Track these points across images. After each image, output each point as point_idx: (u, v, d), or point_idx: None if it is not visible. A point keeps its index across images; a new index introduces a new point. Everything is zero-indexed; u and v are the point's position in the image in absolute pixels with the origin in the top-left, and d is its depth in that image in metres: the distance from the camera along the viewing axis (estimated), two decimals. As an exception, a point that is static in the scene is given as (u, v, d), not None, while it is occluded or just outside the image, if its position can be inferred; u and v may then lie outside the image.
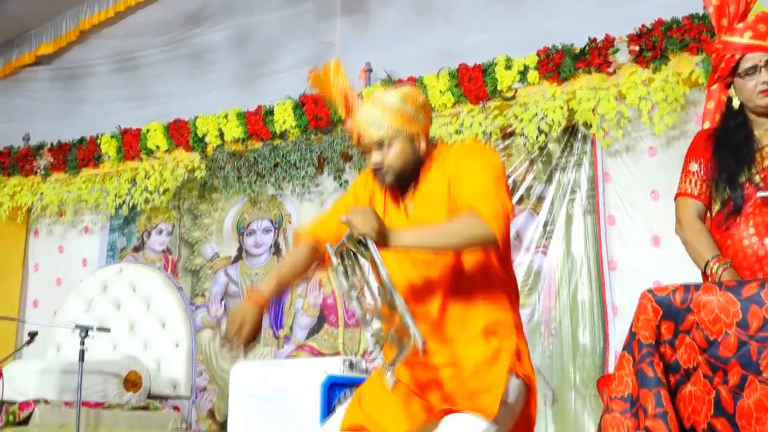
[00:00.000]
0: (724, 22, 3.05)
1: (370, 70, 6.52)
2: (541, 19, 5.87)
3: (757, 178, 2.87)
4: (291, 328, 6.63)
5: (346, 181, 6.31)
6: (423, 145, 2.61)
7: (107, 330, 5.25)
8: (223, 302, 6.95)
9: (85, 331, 5.00)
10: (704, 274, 2.85)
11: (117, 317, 6.02)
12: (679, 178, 3.04)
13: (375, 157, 2.59)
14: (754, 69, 2.93)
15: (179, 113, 7.10)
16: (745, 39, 2.95)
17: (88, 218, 7.62)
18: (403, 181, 2.63)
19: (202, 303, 7.02)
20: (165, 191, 7.06)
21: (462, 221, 2.40)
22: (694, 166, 3.01)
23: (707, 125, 3.17)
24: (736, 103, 3.01)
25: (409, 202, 2.63)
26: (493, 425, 2.36)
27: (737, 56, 2.94)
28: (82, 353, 4.92)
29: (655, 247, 5.28)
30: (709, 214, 2.99)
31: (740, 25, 2.99)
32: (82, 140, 7.43)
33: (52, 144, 7.60)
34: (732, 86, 3.02)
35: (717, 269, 2.78)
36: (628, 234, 5.42)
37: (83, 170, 7.42)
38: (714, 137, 3.02)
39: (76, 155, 7.40)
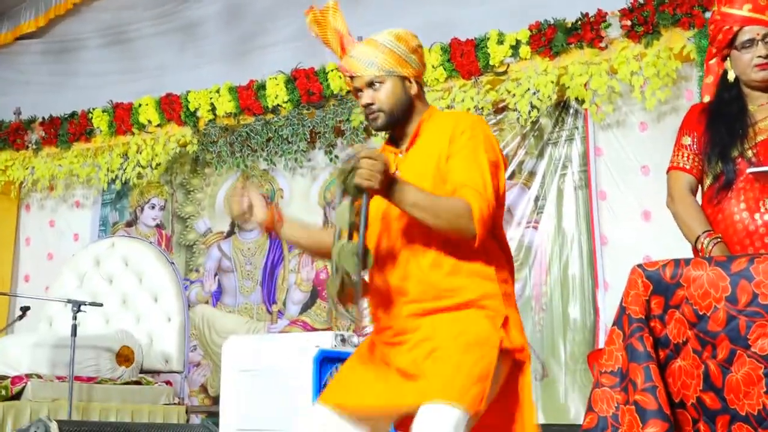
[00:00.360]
0: None
1: (363, 45, 6.48)
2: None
3: (750, 153, 2.87)
4: (284, 303, 6.65)
5: (337, 156, 6.31)
6: (415, 89, 2.60)
7: (99, 305, 5.26)
8: (216, 277, 6.95)
9: (77, 305, 5.01)
10: (695, 249, 2.85)
11: (109, 292, 6.04)
12: (672, 152, 3.04)
13: (366, 96, 2.58)
14: (751, 42, 2.92)
15: (171, 87, 7.06)
16: (744, 11, 2.94)
17: (80, 193, 7.60)
18: (395, 130, 2.62)
19: (196, 278, 7.02)
20: (157, 166, 7.04)
21: (453, 206, 2.39)
22: (687, 140, 3.01)
23: (707, 99, 3.17)
24: (731, 76, 2.99)
25: (400, 162, 2.59)
26: (467, 413, 2.27)
27: (735, 28, 2.93)
28: (74, 328, 4.93)
29: (645, 221, 5.30)
30: (700, 188, 3.00)
31: None
32: (73, 114, 7.39)
33: (43, 118, 7.56)
34: (728, 59, 3.01)
35: (707, 244, 2.78)
36: (619, 209, 5.44)
37: (75, 144, 7.39)
38: (708, 111, 3.02)
39: (67, 129, 7.37)
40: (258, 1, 7.26)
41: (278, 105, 6.55)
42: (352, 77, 2.60)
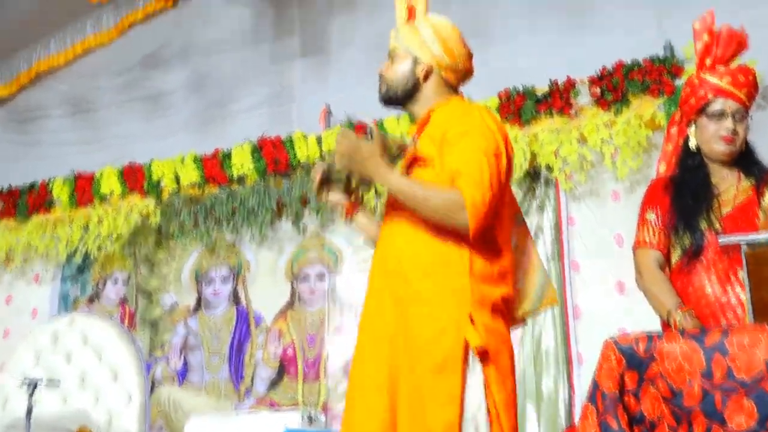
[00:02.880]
0: (708, 61, 3.06)
1: (330, 113, 6.52)
2: (501, 60, 5.90)
3: (717, 225, 2.87)
4: (252, 380, 6.55)
5: (305, 227, 6.29)
6: (423, 73, 2.68)
7: (57, 383, 5.15)
8: (182, 354, 6.85)
9: (33, 385, 4.89)
10: (666, 324, 2.84)
11: (68, 370, 5.91)
12: (636, 228, 3.04)
13: (382, 66, 2.73)
14: (721, 114, 2.94)
15: (135, 157, 7.05)
16: (723, 83, 2.97)
17: (39, 266, 7.50)
18: (407, 110, 2.73)
19: (161, 355, 6.91)
20: (118, 238, 6.98)
21: (444, 196, 2.42)
22: (651, 215, 3.02)
23: (663, 168, 3.18)
24: (692, 143, 3.01)
25: (415, 141, 2.67)
26: None
27: (710, 96, 2.96)
28: (29, 410, 4.81)
29: (620, 293, 5.28)
30: (668, 264, 2.98)
31: (722, 68, 3.01)
32: (33, 185, 7.34)
33: (1, 189, 7.50)
34: (693, 126, 3.02)
35: (680, 318, 2.77)
36: (593, 280, 5.41)
37: (34, 216, 7.32)
38: (672, 182, 3.03)
39: (26, 200, 7.31)
40: (224, 69, 7.30)
41: (244, 174, 6.53)
42: None
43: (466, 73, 2.80)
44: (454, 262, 2.48)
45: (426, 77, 2.69)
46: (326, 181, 2.72)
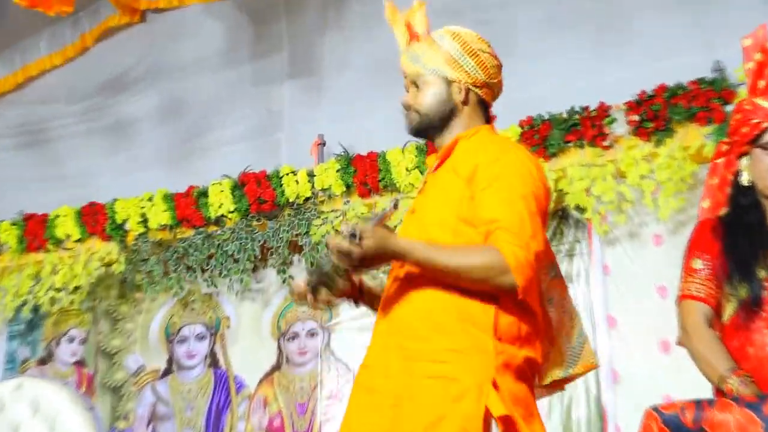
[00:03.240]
0: (761, 84, 3.06)
1: (323, 144, 6.54)
2: (523, 84, 5.91)
3: (779, 275, 2.85)
4: (234, 453, 6.53)
5: (292, 277, 6.27)
6: (462, 96, 2.69)
7: (0, 460, 5.13)
8: (150, 426, 6.82)
9: (-28, 462, 4.87)
10: (718, 390, 2.80)
11: (14, 444, 5.88)
12: (681, 278, 3.02)
13: (406, 96, 2.72)
14: (780, 144, 2.93)
15: (97, 195, 7.08)
16: None
17: (-18, 323, 7.51)
18: (433, 138, 2.73)
19: (125, 427, 6.88)
20: (76, 289, 6.98)
21: (481, 257, 2.41)
22: (698, 263, 2.99)
23: (706, 204, 3.17)
24: (745, 179, 3.00)
25: (429, 181, 2.70)
26: None
27: (765, 125, 2.94)
28: (-33, 491, 4.78)
29: (663, 353, 5.25)
30: (718, 319, 2.95)
31: None
32: (-25, 229, 7.37)
33: (-62, 233, 7.53)
34: (745, 158, 3.01)
35: (735, 384, 2.73)
36: (632, 338, 5.39)
37: (-23, 264, 7.35)
38: (723, 225, 3.01)
39: (-32, 247, 7.33)
40: (200, 93, 7.35)
41: (223, 215, 6.55)
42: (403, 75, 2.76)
43: (499, 89, 2.84)
44: (477, 318, 2.47)
45: (466, 100, 2.72)
46: (316, 287, 2.72)
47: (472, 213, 2.52)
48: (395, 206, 2.51)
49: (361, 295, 2.82)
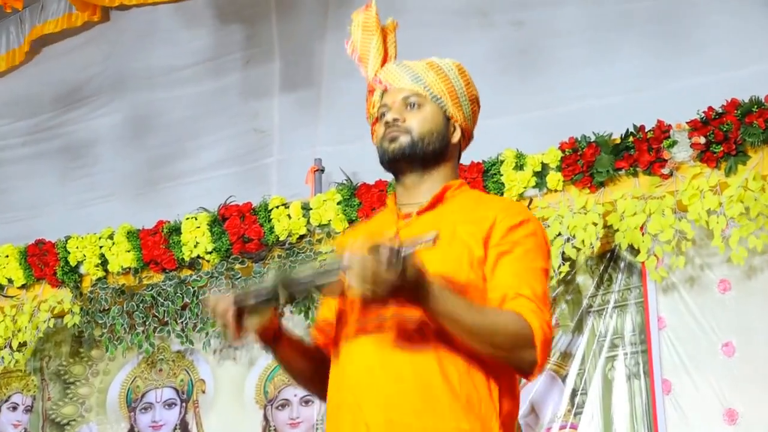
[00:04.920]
0: None
1: (321, 170, 6.55)
2: (563, 99, 5.95)
3: None
4: None
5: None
6: (457, 139, 2.80)
7: None
8: None
9: None
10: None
11: None
12: None
13: (395, 111, 2.76)
14: None
15: (46, 232, 7.09)
16: None
17: None
18: (408, 174, 2.77)
19: None
20: (21, 347, 6.99)
21: (507, 324, 2.47)
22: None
23: None
24: None
25: (404, 227, 2.72)
26: None
27: None
28: None
29: (730, 424, 5.24)
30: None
31: None
32: None
33: None
34: None
35: None
36: (693, 406, 5.37)
37: None
38: None
39: None
40: (174, 110, 7.36)
41: (199, 257, 6.55)
42: (384, 92, 2.83)
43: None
44: (483, 400, 2.55)
45: (458, 145, 2.85)
46: (243, 312, 2.72)
47: (482, 272, 2.60)
48: (434, 241, 2.49)
49: (277, 341, 2.81)
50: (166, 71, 7.49)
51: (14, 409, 7.30)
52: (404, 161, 2.77)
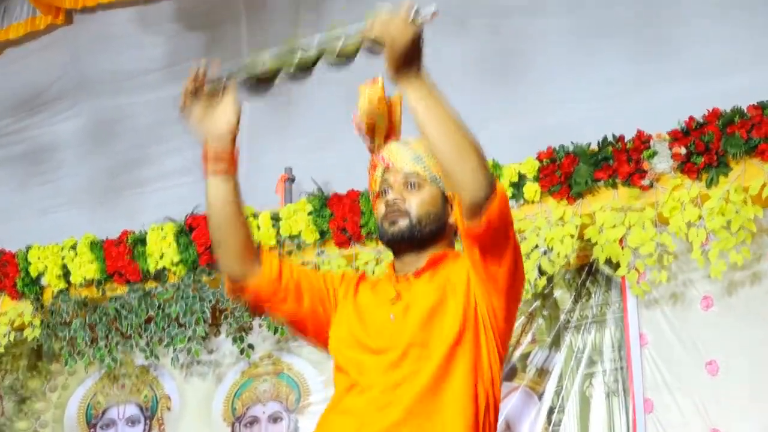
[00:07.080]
0: None
1: (292, 179, 6.55)
2: (541, 108, 5.97)
3: None
4: None
5: (251, 346, 6.26)
6: (452, 219, 2.91)
7: None
8: None
9: None
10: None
11: None
12: None
13: (395, 192, 2.92)
14: None
15: (5, 242, 7.06)
16: None
17: None
18: (407, 250, 2.92)
19: None
20: (-24, 360, 6.98)
21: (476, 145, 2.64)
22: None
23: None
24: None
25: (404, 289, 2.88)
26: None
27: None
28: None
29: (713, 445, 5.28)
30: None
31: None
32: None
33: None
34: None
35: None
36: (675, 426, 5.39)
37: None
38: None
39: None
40: (138, 115, 7.35)
41: (164, 268, 6.54)
42: (386, 169, 2.97)
43: None
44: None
45: (452, 224, 2.96)
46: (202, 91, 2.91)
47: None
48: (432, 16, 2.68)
49: (225, 172, 3.03)
50: (131, 75, 7.48)
51: (-33, 424, 7.27)
52: (403, 243, 2.93)
